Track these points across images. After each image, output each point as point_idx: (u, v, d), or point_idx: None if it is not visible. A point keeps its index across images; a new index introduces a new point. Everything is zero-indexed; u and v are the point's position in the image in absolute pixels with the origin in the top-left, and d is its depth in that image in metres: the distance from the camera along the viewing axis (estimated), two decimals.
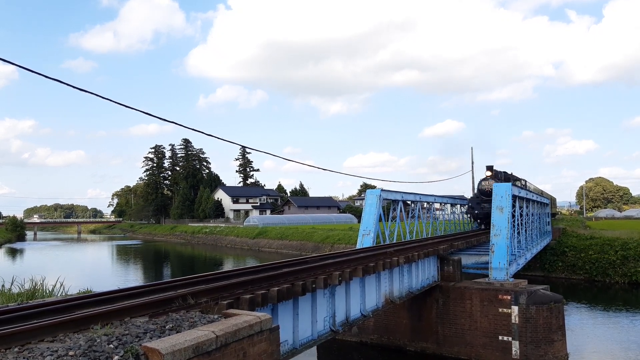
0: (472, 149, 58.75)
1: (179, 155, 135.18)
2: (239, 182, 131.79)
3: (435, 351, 17.87)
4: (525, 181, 33.87)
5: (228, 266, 49.90)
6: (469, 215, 32.86)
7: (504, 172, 32.61)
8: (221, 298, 7.55)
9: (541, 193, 38.70)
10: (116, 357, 4.74)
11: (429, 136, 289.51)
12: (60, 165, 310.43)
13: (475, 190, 31.17)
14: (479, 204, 30.33)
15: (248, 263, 48.98)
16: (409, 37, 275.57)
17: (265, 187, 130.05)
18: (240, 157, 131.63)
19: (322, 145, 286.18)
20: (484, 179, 30.59)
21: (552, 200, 49.36)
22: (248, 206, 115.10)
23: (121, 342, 5.15)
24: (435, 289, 17.93)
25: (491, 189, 27.52)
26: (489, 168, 31.01)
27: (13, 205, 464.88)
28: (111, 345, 5.02)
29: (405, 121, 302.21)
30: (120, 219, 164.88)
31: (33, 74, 7.63)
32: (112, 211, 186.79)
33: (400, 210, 23.04)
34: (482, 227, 31.18)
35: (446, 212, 34.01)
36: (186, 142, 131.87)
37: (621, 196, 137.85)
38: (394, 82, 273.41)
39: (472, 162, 43.75)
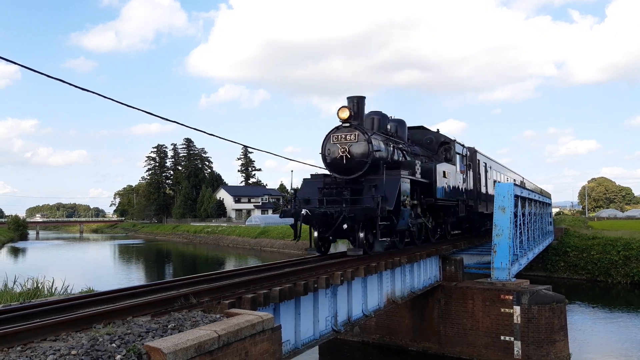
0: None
1: (181, 154, 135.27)
2: (241, 182, 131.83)
3: (437, 351, 17.84)
4: (475, 151, 23.66)
5: (230, 266, 49.93)
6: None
7: (395, 121, 17.38)
8: (223, 297, 7.54)
9: (523, 183, 34.84)
10: (118, 356, 4.75)
11: None
12: (62, 164, 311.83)
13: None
14: (320, 190, 14.43)
15: (250, 262, 48.99)
16: (410, 36, 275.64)
17: (267, 187, 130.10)
18: (242, 156, 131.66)
19: None
20: (334, 131, 14.23)
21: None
22: (250, 206, 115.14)
23: (123, 341, 5.16)
24: (437, 289, 17.91)
25: (349, 156, 13.74)
26: (349, 105, 14.10)
27: (15, 204, 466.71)
28: (113, 345, 5.02)
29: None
30: (123, 218, 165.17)
31: (35, 73, 7.64)
32: (114, 210, 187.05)
33: None
34: (328, 238, 15.30)
35: None
36: (188, 141, 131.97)
37: (623, 196, 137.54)
38: (395, 82, 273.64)
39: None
